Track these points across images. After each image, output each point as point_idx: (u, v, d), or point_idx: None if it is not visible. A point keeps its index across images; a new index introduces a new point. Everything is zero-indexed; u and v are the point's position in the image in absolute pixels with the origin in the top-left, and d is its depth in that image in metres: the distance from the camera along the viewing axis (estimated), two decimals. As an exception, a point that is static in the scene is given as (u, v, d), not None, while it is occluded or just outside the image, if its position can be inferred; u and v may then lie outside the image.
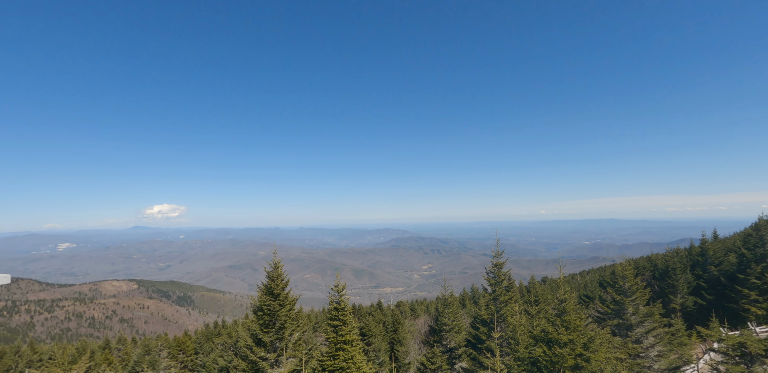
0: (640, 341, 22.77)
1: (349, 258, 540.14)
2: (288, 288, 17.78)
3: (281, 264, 17.82)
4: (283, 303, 17.03)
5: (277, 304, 16.86)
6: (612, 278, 25.71)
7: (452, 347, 25.61)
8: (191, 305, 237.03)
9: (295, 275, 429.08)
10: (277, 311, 16.77)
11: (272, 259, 17.78)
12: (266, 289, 17.32)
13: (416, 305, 68.25)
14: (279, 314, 16.81)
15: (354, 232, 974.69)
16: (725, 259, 46.95)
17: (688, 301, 44.37)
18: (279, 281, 17.38)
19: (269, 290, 17.22)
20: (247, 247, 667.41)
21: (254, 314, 17.32)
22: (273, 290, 17.12)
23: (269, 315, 16.93)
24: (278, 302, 16.92)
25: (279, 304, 16.92)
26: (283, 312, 16.87)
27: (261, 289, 17.53)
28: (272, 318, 16.98)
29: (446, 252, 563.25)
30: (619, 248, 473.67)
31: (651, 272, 52.84)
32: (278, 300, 16.98)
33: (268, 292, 17.22)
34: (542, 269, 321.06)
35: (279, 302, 16.94)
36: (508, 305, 22.03)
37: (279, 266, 17.65)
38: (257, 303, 17.28)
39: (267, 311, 16.88)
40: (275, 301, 16.91)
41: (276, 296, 17.06)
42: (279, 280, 17.40)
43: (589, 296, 48.46)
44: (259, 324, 16.92)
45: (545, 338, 13.32)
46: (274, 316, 16.92)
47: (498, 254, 22.80)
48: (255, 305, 17.42)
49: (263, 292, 17.34)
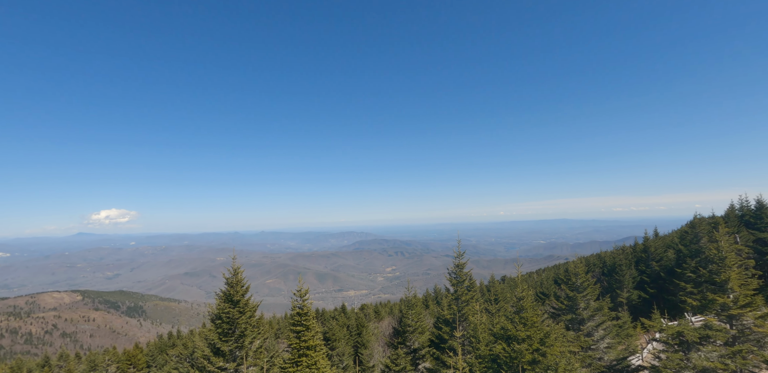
0: (591, 334, 24.08)
1: (312, 262, 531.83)
2: (248, 294, 17.25)
3: (241, 270, 17.27)
4: (244, 310, 16.49)
5: (237, 311, 16.30)
6: (565, 275, 27.06)
7: (416, 347, 25.86)
8: (143, 316, 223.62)
9: (256, 281, 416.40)
10: (236, 318, 16.21)
11: (231, 265, 17.19)
12: (225, 296, 16.70)
13: (380, 307, 68.34)
14: (239, 322, 16.25)
15: (317, 235, 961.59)
16: (665, 255, 50.78)
17: (633, 295, 47.54)
18: (239, 287, 16.82)
19: (228, 297, 16.62)
20: (204, 253, 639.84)
21: (212, 322, 16.64)
22: (232, 297, 16.53)
23: (228, 323, 16.33)
24: (238, 310, 16.36)
25: (239, 311, 16.36)
26: (244, 319, 16.33)
27: (220, 296, 16.88)
28: (232, 326, 16.38)
29: (410, 254, 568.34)
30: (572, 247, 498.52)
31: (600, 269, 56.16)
32: (238, 307, 16.42)
33: (228, 299, 16.61)
34: (502, 269, 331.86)
35: (239, 310, 16.38)
36: (469, 305, 22.58)
37: (239, 271, 17.09)
38: (215, 311, 16.62)
39: (226, 319, 16.28)
40: (235, 308, 16.34)
41: (236, 303, 16.49)
42: (239, 286, 16.84)
43: (545, 293, 50.69)
44: (217, 333, 16.27)
45: (504, 335, 13.79)
46: (233, 324, 16.33)
47: (459, 254, 23.33)
48: (213, 314, 16.74)
49: (222, 299, 16.71)
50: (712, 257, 21.60)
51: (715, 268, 21.12)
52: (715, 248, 21.60)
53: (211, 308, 17.17)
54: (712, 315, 20.60)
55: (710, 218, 51.35)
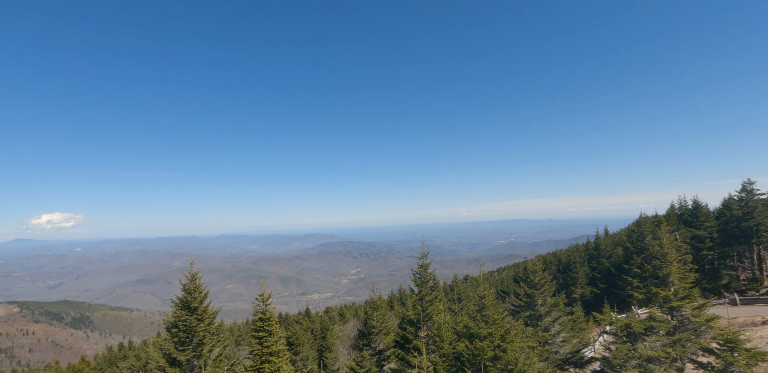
0: (548, 329, 25.16)
1: (275, 265, 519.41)
2: (207, 301, 16.59)
3: (199, 275, 16.59)
4: (202, 317, 15.84)
5: (195, 318, 15.63)
6: (524, 273, 28.14)
7: (381, 349, 25.90)
8: (90, 327, 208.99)
9: (215, 286, 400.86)
10: (194, 326, 15.54)
11: (189, 270, 16.48)
12: (182, 303, 15.97)
13: (345, 309, 67.87)
14: (197, 330, 15.58)
15: (280, 238, 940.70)
16: (614, 252, 54.02)
17: (586, 290, 50.18)
18: (197, 293, 16.14)
19: (186, 304, 15.90)
20: (159, 258, 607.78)
21: (168, 331, 15.85)
22: (190, 303, 15.84)
23: (186, 331, 15.61)
24: (196, 317, 15.69)
25: (197, 318, 15.69)
26: (202, 327, 15.68)
27: (176, 303, 16.12)
28: (189, 334, 15.68)
29: (375, 256, 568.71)
30: (530, 246, 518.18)
31: (556, 266, 58.80)
32: (196, 314, 15.75)
33: (185, 306, 15.89)
34: (464, 268, 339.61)
35: (197, 317, 15.71)
36: (433, 304, 22.93)
37: (197, 277, 16.40)
38: (171, 319, 15.85)
39: (183, 327, 15.56)
40: (193, 315, 15.66)
41: (194, 311, 15.81)
42: (197, 292, 16.16)
43: (505, 291, 52.40)
44: (173, 342, 15.51)
45: (467, 333, 14.12)
46: (191, 332, 15.64)
47: (424, 255, 23.65)
48: (169, 322, 15.95)
49: (179, 306, 15.96)
50: (656, 253, 23.23)
51: (658, 263, 22.73)
52: (658, 245, 23.24)
53: (166, 316, 16.35)
54: (656, 307, 22.15)
55: (654, 217, 55.29)
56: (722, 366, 16.73)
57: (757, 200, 45.25)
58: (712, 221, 48.17)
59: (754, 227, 43.20)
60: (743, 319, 32.90)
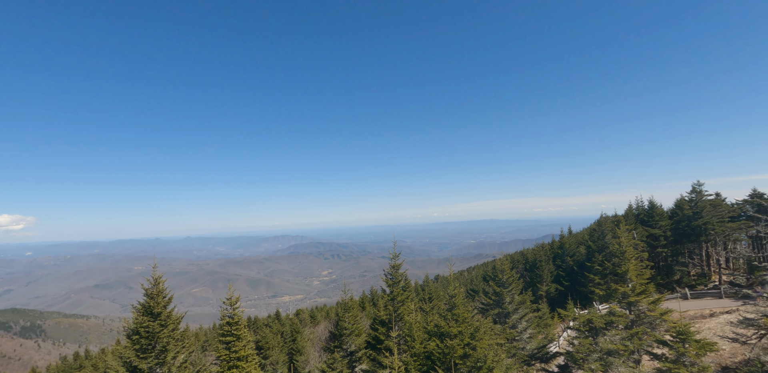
0: (516, 326, 25.88)
1: (243, 268, 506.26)
2: (171, 306, 15.96)
3: (163, 279, 15.93)
4: (166, 323, 15.21)
5: (158, 324, 14.99)
6: (493, 272, 28.82)
7: (353, 350, 25.78)
8: (42, 336, 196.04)
9: (180, 290, 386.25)
10: (157, 332, 14.90)
11: (152, 274, 15.80)
12: (144, 308, 15.28)
13: (316, 311, 67.13)
14: (160, 336, 14.95)
15: (249, 240, 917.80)
16: (577, 250, 56.26)
17: (551, 288, 51.98)
18: (160, 298, 15.49)
19: (148, 309, 15.23)
20: (118, 262, 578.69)
21: (128, 338, 15.12)
22: (153, 309, 15.18)
23: (148, 338, 14.95)
24: (159, 323, 15.06)
25: (160, 324, 15.06)
26: (165, 333, 15.06)
27: (138, 309, 15.41)
28: (152, 341, 15.02)
29: (346, 256, 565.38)
30: (499, 245, 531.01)
31: (523, 265, 60.55)
32: (159, 320, 15.11)
33: (147, 312, 15.22)
34: (435, 268, 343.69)
35: (160, 323, 15.08)
36: (405, 304, 23.06)
37: (160, 281, 15.75)
38: (132, 326, 15.13)
39: (145, 333, 14.89)
40: (155, 321, 15.02)
41: (156, 316, 15.16)
42: (160, 297, 15.51)
43: (474, 290, 53.45)
44: (134, 350, 14.82)
45: (438, 332, 14.30)
46: (153, 338, 14.99)
47: (395, 256, 23.75)
48: (130, 329, 15.23)
49: (140, 312, 15.27)
50: (615, 251, 24.39)
51: (617, 261, 23.88)
52: (617, 243, 24.42)
53: (127, 322, 15.60)
54: (615, 303, 23.26)
55: (613, 217, 58.04)
56: (675, 357, 17.77)
57: (706, 200, 48.49)
58: (666, 221, 51.14)
59: (702, 226, 46.20)
60: (693, 312, 35.12)
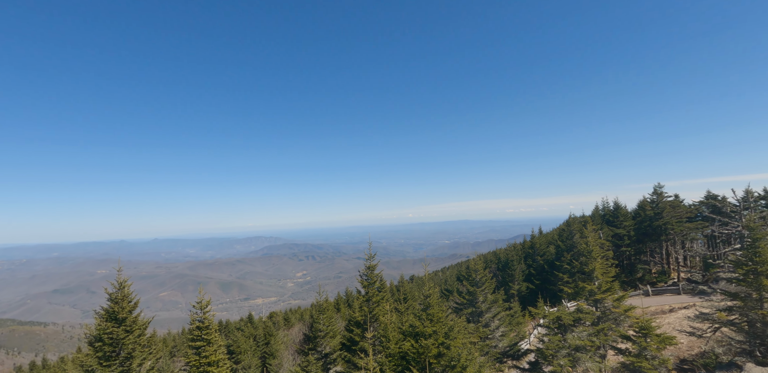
0: (489, 324, 26.38)
1: (214, 270, 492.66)
2: (138, 310, 15.35)
3: (128, 283, 15.30)
4: (131, 329, 14.61)
5: (123, 330, 14.38)
6: (467, 272, 29.28)
7: (327, 352, 25.56)
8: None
9: (147, 295, 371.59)
10: (122, 338, 14.29)
11: (116, 278, 15.14)
12: (108, 314, 14.62)
13: (290, 314, 66.17)
14: (125, 342, 14.35)
15: (221, 241, 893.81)
16: (547, 250, 57.94)
17: (523, 286, 53.29)
18: (125, 303, 14.87)
19: (112, 314, 14.58)
20: (80, 265, 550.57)
21: (90, 346, 14.43)
22: (117, 314, 14.54)
23: (112, 345, 14.30)
24: (124, 328, 14.44)
25: (125, 330, 14.45)
26: (131, 339, 14.46)
27: (101, 315, 14.73)
28: (116, 348, 14.39)
29: (321, 258, 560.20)
30: (473, 245, 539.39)
31: (496, 264, 61.82)
32: (124, 326, 14.50)
33: (111, 317, 14.57)
34: (410, 268, 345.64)
35: (125, 328, 14.47)
36: (380, 305, 23.07)
37: (125, 285, 15.12)
38: (95, 333, 14.44)
39: (109, 340, 14.24)
40: (120, 327, 14.39)
41: (121, 322, 14.54)
42: (125, 302, 14.89)
43: (449, 290, 54.11)
44: (97, 357, 14.14)
45: (413, 332, 14.39)
46: (118, 345, 14.36)
47: (371, 256, 23.72)
48: (92, 335, 14.53)
49: (104, 318, 14.60)
50: (582, 250, 25.29)
51: (585, 260, 24.77)
52: (585, 243, 25.33)
53: (89, 329, 14.88)
54: (583, 300, 24.11)
55: (581, 218, 60.17)
56: (637, 351, 18.60)
57: (666, 202, 51.10)
58: (630, 221, 53.49)
59: (663, 226, 48.62)
60: (654, 308, 36.88)
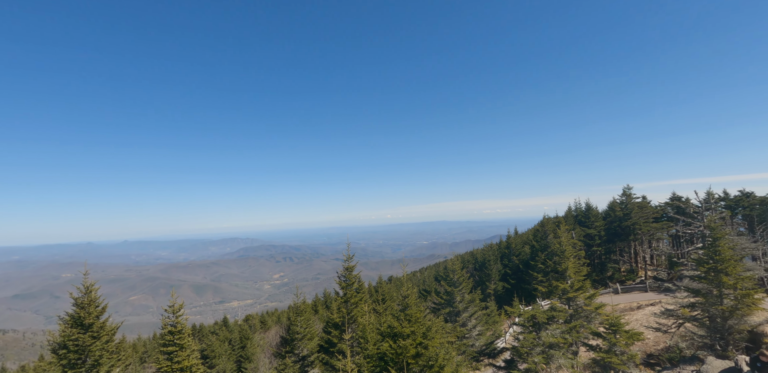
0: (466, 324, 26.72)
1: (188, 273, 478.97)
2: (105, 315, 14.76)
3: (96, 287, 14.70)
4: (98, 335, 14.03)
5: (90, 336, 13.79)
6: (445, 272, 29.60)
7: (305, 355, 25.28)
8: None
9: (116, 299, 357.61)
10: (89, 345, 13.70)
11: (82, 281, 14.52)
12: (74, 320, 14.00)
13: (267, 316, 65.10)
14: (92, 349, 13.76)
15: (195, 243, 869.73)
16: (522, 250, 59.19)
17: (499, 286, 54.24)
18: (92, 308, 14.27)
19: (78, 320, 13.97)
20: (43, 269, 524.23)
21: (54, 353, 13.77)
22: (84, 319, 13.94)
23: (77, 352, 13.69)
24: (91, 334, 13.86)
25: (92, 336, 13.86)
26: (98, 345, 13.89)
27: (65, 321, 14.08)
28: (82, 355, 13.78)
29: (299, 259, 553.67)
30: (450, 246, 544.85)
31: (473, 265, 62.69)
32: (91, 331, 13.91)
33: (77, 323, 13.95)
34: (389, 269, 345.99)
35: (92, 334, 13.88)
36: (358, 306, 23.00)
37: (92, 289, 14.52)
38: (59, 339, 13.80)
39: (74, 347, 13.62)
40: (87, 333, 13.80)
41: (88, 327, 13.94)
42: (92, 307, 14.29)
43: (427, 290, 54.49)
44: (61, 365, 13.51)
45: (391, 333, 14.40)
46: (84, 352, 13.76)
47: (349, 257, 23.63)
48: (56, 342, 13.87)
49: (69, 324, 13.96)
50: (556, 250, 25.98)
51: (558, 259, 25.45)
52: (558, 243, 26.03)
53: (52, 336, 14.20)
54: (556, 299, 24.74)
55: (555, 218, 61.78)
56: (607, 347, 19.24)
57: (634, 203, 53.20)
58: (601, 221, 55.33)
59: (631, 226, 50.55)
60: (623, 305, 38.25)
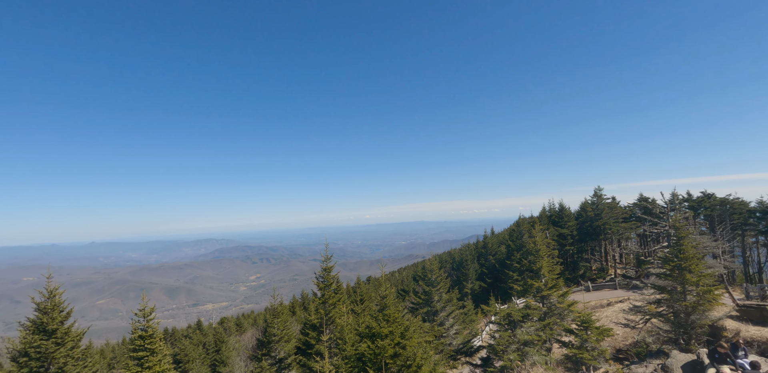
0: (443, 323, 26.98)
1: (160, 275, 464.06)
2: (71, 321, 14.13)
3: (60, 291, 14.06)
4: (63, 341, 13.41)
5: (53, 343, 13.17)
6: (423, 272, 29.80)
7: (281, 357, 24.93)
8: None
9: (83, 303, 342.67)
10: (52, 352, 13.07)
11: (45, 285, 13.84)
12: (35, 326, 13.33)
13: (242, 318, 63.85)
14: (56, 356, 13.14)
15: (167, 244, 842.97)
16: (499, 249, 60.30)
17: (476, 285, 55.06)
18: (56, 313, 13.63)
19: (41, 326, 13.31)
20: (2, 272, 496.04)
21: (14, 361, 13.06)
22: (47, 325, 13.29)
23: (40, 359, 13.04)
24: (54, 341, 13.23)
25: (56, 343, 13.24)
26: (63, 352, 13.27)
27: (27, 327, 13.40)
28: (45, 363, 13.13)
29: (276, 260, 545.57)
30: (428, 246, 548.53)
31: (451, 264, 63.42)
32: (55, 338, 13.28)
33: (39, 329, 13.29)
34: (367, 269, 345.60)
35: (56, 341, 13.26)
36: (336, 307, 22.87)
37: (56, 293, 13.87)
38: (19, 347, 13.11)
39: (36, 354, 12.97)
40: (50, 339, 13.17)
41: (51, 334, 13.30)
42: (56, 312, 13.65)
43: (405, 290, 54.74)
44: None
45: (369, 333, 14.38)
46: (47, 359, 13.11)
47: (327, 258, 23.47)
48: (16, 350, 13.17)
49: (30, 330, 13.29)
50: (531, 249, 26.58)
51: (533, 258, 26.04)
52: (533, 243, 26.64)
53: (11, 343, 13.48)
54: (531, 297, 25.32)
55: (529, 218, 63.28)
56: (579, 343, 19.83)
57: (605, 203, 55.11)
58: (573, 221, 57.01)
59: (602, 226, 52.32)
60: (594, 302, 39.52)
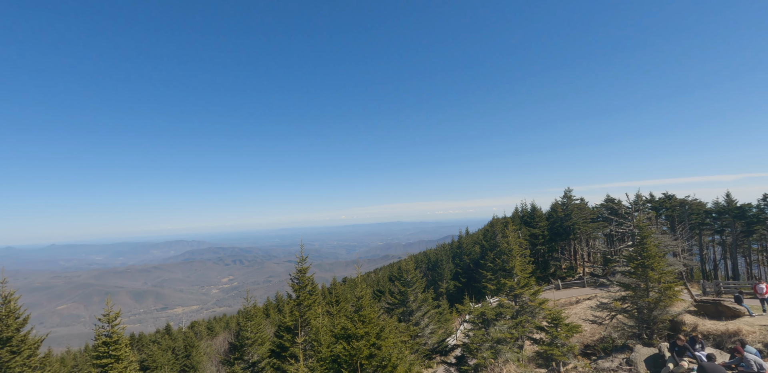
0: (419, 323, 27.17)
1: (126, 279, 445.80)
2: (28, 327, 13.38)
3: (16, 296, 13.29)
4: (19, 349, 12.67)
5: (8, 351, 12.42)
6: (398, 272, 29.92)
7: (255, 360, 24.43)
8: None
9: (41, 309, 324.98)
10: (7, 361, 12.33)
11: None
12: (-12, 333, 12.54)
13: (214, 322, 62.19)
14: (11, 365, 12.39)
15: (134, 246, 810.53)
16: (473, 249, 61.32)
17: (450, 285, 55.78)
18: (11, 320, 12.87)
19: (-7, 334, 12.52)
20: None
21: (-37, 372, 12.25)
22: (1, 333, 12.53)
23: (-8, 369, 12.28)
24: (9, 349, 12.48)
25: (11, 351, 12.50)
26: (19, 361, 12.54)
27: (-22, 335, 12.58)
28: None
29: (249, 262, 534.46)
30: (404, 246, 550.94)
31: (426, 264, 63.98)
32: (10, 346, 12.53)
33: (-8, 337, 12.51)
34: (343, 270, 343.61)
35: (11, 349, 12.51)
36: (311, 309, 22.62)
37: (12, 299, 13.10)
38: (-30, 356, 12.29)
39: (-12, 364, 12.21)
40: (5, 348, 12.42)
41: (6, 341, 12.54)
42: (11, 318, 12.89)
43: (381, 290, 54.79)
44: (-29, 385, 12.04)
45: (345, 335, 14.30)
46: (2, 368, 12.35)
47: (302, 259, 23.18)
48: (-35, 360, 12.34)
49: (-18, 338, 12.49)
50: (504, 249, 27.18)
51: (506, 258, 26.63)
52: (506, 242, 27.24)
53: (-39, 352, 12.62)
54: (504, 296, 25.88)
55: (503, 219, 64.65)
56: (550, 340, 20.41)
57: (574, 204, 57.03)
58: (544, 221, 58.69)
59: (571, 226, 54.11)
60: (564, 300, 40.79)
